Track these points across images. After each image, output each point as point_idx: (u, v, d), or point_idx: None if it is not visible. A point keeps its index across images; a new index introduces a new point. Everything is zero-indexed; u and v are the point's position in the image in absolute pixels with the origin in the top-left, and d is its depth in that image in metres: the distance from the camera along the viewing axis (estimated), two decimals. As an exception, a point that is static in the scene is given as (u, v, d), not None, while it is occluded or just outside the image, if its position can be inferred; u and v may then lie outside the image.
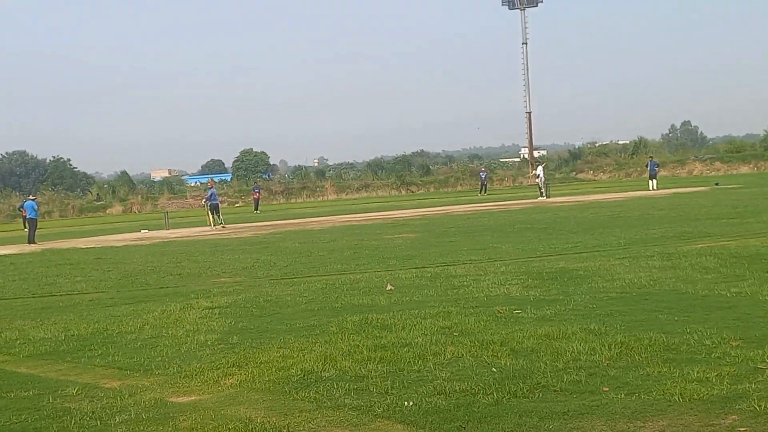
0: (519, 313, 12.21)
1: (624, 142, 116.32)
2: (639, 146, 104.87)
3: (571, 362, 8.97)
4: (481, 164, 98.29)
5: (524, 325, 11.15)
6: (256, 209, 65.74)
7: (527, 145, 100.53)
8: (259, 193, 70.84)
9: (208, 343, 11.50)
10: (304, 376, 9.16)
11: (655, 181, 59.68)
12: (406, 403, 7.83)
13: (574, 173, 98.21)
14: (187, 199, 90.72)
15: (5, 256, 32.92)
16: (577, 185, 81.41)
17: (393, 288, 15.59)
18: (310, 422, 7.48)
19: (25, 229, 41.96)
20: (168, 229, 45.61)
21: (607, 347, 9.48)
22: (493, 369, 8.93)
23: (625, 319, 11.27)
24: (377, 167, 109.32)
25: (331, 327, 11.96)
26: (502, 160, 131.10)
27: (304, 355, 10.11)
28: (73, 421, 7.99)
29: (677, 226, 25.76)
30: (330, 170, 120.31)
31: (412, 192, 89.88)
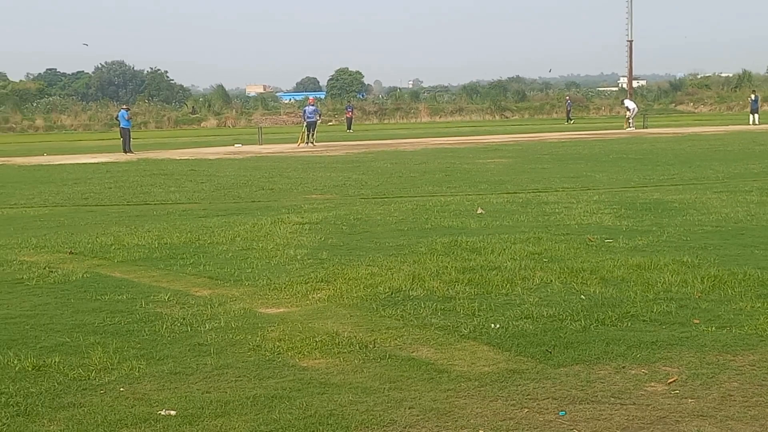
0: (610, 242, 12.08)
1: (727, 74, 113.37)
2: (742, 79, 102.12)
3: (661, 293, 8.87)
4: (566, 93, 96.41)
5: (615, 255, 11.03)
6: (349, 128, 65.56)
7: (627, 74, 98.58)
8: (352, 112, 70.55)
9: (298, 257, 11.59)
10: (391, 294, 9.20)
11: (756, 115, 58.11)
12: (492, 325, 7.82)
13: (674, 105, 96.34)
14: (281, 115, 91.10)
15: (102, 164, 33.51)
16: (677, 117, 79.88)
17: (483, 212, 15.53)
18: (396, 339, 7.52)
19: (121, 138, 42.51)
20: (261, 145, 45.90)
21: (699, 280, 9.35)
22: (582, 296, 8.86)
23: (720, 252, 11.09)
24: (472, 91, 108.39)
25: (420, 247, 11.97)
26: (599, 88, 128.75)
27: (392, 274, 10.14)
28: (164, 326, 8.15)
29: (777, 162, 25.16)
30: (424, 92, 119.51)
31: (506, 117, 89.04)
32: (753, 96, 60.74)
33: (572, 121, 70.91)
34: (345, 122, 69.24)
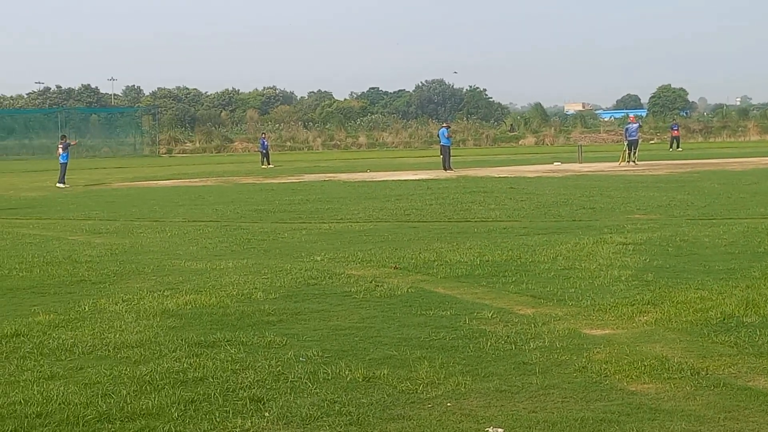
0: None
1: None
2: None
3: None
4: None
5: None
6: (678, 147, 63.62)
7: None
8: (677, 130, 68.60)
9: (622, 278, 11.32)
10: (723, 319, 8.79)
11: None
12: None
13: None
14: (600, 133, 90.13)
15: (422, 180, 34.27)
16: None
17: (821, 235, 14.61)
18: (730, 367, 7.17)
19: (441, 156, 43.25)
20: (581, 163, 45.51)
21: None
22: None
23: None
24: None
25: (753, 272, 11.39)
26: None
27: (723, 299, 9.69)
28: (488, 343, 8.16)
29: None
30: (753, 109, 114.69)
31: None
32: None
33: None
34: (669, 141, 67.38)
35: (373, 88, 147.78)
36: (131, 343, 8.50)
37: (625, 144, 44.79)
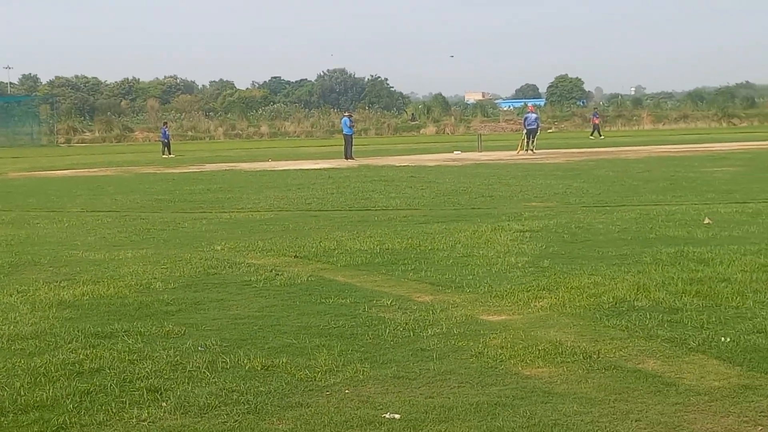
0: None
1: None
2: None
3: None
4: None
5: None
6: (599, 134, 64.62)
7: None
8: (598, 118, 69.68)
9: (519, 265, 11.52)
10: (615, 304, 9.01)
11: None
12: (723, 338, 7.55)
13: None
14: (499, 122, 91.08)
15: (324, 170, 34.29)
16: None
17: (711, 222, 15.03)
18: (621, 350, 7.36)
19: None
20: (480, 152, 45.98)
21: None
22: (820, 312, 8.44)
23: None
24: (697, 98, 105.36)
25: (645, 257, 11.68)
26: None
27: (615, 284, 9.94)
28: (387, 330, 8.24)
29: None
30: (647, 99, 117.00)
31: (734, 125, 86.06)
32: None
33: None
34: (591, 128, 68.41)
35: (275, 78, 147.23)
36: (26, 335, 8.39)
37: (524, 133, 45.40)
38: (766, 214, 15.95)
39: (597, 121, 68.05)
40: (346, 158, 41.49)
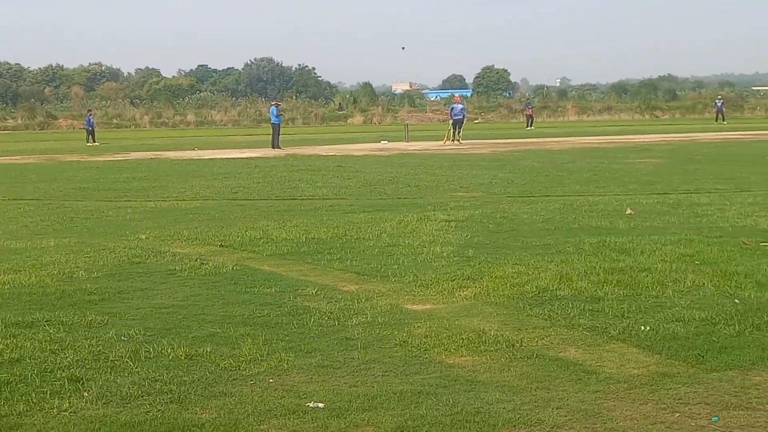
0: (766, 245, 11.71)
1: None
2: None
3: (821, 299, 8.56)
4: (719, 94, 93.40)
5: (771, 258, 10.70)
6: (531, 126, 65.21)
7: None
8: (531, 109, 70.16)
9: (444, 254, 11.59)
10: (538, 293, 9.12)
11: None
12: (642, 327, 7.68)
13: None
14: (426, 113, 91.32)
15: (251, 159, 34.12)
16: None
17: (633, 212, 15.26)
18: (543, 339, 7.46)
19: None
20: (407, 142, 46.09)
21: None
22: (736, 300, 8.62)
23: None
24: (621, 90, 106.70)
25: (568, 247, 11.83)
26: (754, 87, 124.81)
27: (539, 273, 10.05)
28: (312, 320, 8.25)
29: None
30: (572, 91, 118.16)
31: (657, 117, 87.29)
32: None
33: (726, 122, 68.79)
34: (525, 120, 68.91)
35: (201, 66, 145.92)
36: (-55, 325, 8.25)
37: (450, 123, 45.57)
38: (687, 205, 16.24)
39: (530, 112, 68.68)
40: (273, 147, 41.28)
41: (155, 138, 58.81)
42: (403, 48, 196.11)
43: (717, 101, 74.99)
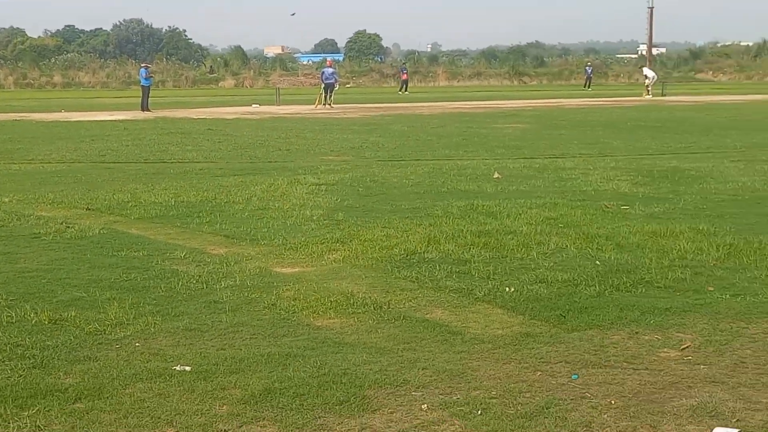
0: (627, 209, 12.06)
1: (747, 43, 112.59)
2: (763, 48, 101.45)
3: (677, 260, 8.86)
4: (587, 60, 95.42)
5: (631, 221, 11.02)
6: (405, 90, 65.34)
7: (646, 41, 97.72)
8: (406, 74, 70.18)
9: (314, 218, 11.62)
10: (407, 256, 9.22)
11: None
12: (507, 288, 7.84)
13: (693, 73, 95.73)
14: (298, 76, 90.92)
15: (119, 121, 33.51)
16: (696, 86, 79.28)
17: (500, 177, 15.51)
18: (410, 301, 7.55)
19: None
20: (278, 106, 45.86)
21: (714, 248, 9.33)
22: (597, 262, 8.87)
23: (736, 221, 11.07)
24: (491, 56, 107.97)
25: (436, 210, 11.97)
26: (618, 55, 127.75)
27: (407, 236, 10.15)
28: (180, 283, 8.19)
29: (797, 133, 25.09)
30: (443, 56, 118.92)
31: (525, 83, 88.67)
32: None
33: (590, 89, 70.24)
34: (399, 84, 69.01)
35: (68, 26, 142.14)
36: None
37: (322, 87, 45.49)
38: (552, 170, 16.58)
39: (405, 77, 68.91)
40: (143, 110, 40.59)
41: (20, 99, 57.18)
42: (293, 14, 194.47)
43: (587, 68, 76.43)
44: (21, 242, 10.19)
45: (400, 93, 63.14)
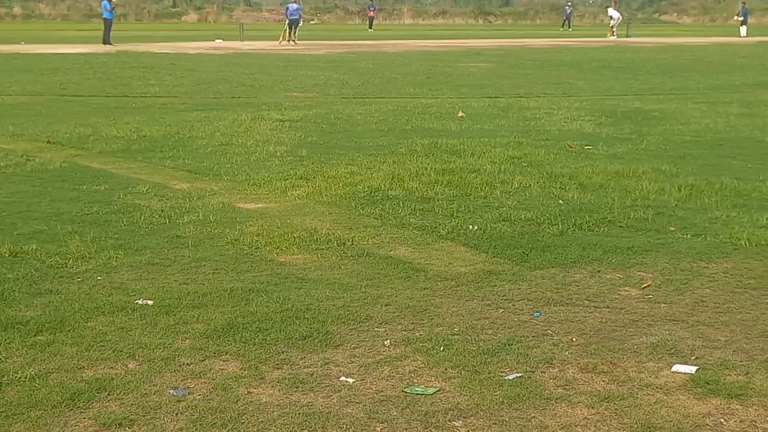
0: (590, 148, 12.11)
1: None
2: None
3: (639, 200, 8.91)
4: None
5: (594, 161, 11.06)
6: (370, 28, 65.14)
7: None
8: (374, 11, 69.75)
9: (278, 154, 11.57)
10: (370, 193, 9.21)
11: (745, 27, 57.27)
12: (470, 226, 7.85)
13: (658, 14, 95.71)
14: (262, 12, 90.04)
15: (81, 54, 33.09)
16: (661, 27, 79.39)
17: (464, 115, 15.49)
18: (374, 238, 7.54)
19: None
20: (242, 41, 45.44)
21: (676, 188, 9.40)
22: (560, 201, 8.90)
23: (698, 162, 11.14)
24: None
25: (400, 148, 11.96)
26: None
27: (371, 173, 10.14)
28: (142, 218, 8.14)
29: (760, 75, 25.18)
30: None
31: (490, 22, 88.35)
32: (742, 7, 59.26)
33: (570, 29, 70.01)
34: (367, 21, 68.65)
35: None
36: None
37: (286, 23, 45.10)
38: (516, 109, 16.59)
39: (372, 14, 68.52)
40: (105, 43, 40.12)
41: (-22, 31, 56.28)
42: None
43: (566, 8, 75.92)
44: (-20, 175, 10.08)
45: (370, 31, 62.81)
